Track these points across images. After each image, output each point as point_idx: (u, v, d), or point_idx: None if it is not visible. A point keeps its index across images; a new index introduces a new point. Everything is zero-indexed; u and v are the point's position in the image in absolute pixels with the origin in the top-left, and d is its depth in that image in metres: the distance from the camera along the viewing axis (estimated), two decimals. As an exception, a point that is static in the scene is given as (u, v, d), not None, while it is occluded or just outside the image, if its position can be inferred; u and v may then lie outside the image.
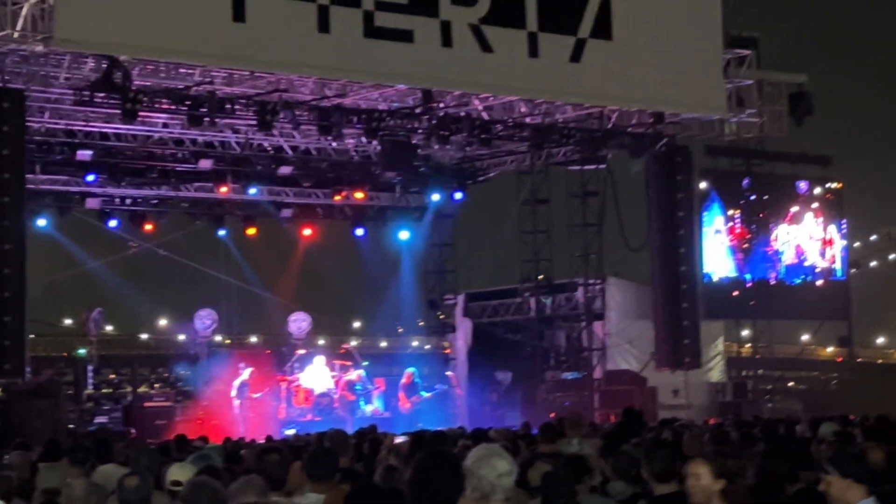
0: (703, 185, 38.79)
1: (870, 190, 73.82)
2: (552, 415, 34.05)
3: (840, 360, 60.57)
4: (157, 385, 38.91)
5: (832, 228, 42.11)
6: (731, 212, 39.59)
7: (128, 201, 37.03)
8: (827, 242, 41.96)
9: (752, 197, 40.17)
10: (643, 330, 37.97)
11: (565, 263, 39.63)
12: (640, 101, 33.18)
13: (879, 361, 77.76)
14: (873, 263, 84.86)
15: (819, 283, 41.54)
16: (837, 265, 42.31)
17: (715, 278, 38.88)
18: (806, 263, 41.35)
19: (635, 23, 31.48)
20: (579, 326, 39.45)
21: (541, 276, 39.32)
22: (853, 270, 45.84)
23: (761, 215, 40.50)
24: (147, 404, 35.52)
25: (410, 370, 36.71)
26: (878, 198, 78.71)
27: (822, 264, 41.74)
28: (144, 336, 56.47)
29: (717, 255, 39.11)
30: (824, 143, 45.08)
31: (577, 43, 30.50)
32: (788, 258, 40.80)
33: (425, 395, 36.44)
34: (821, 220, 41.67)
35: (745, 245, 39.79)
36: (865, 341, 76.65)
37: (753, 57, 34.85)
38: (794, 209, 41.11)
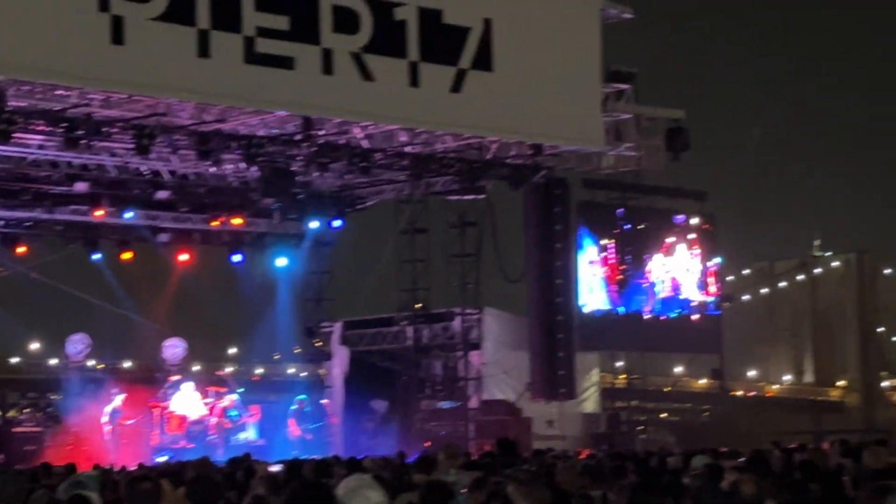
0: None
1: (742, 226, 75.15)
2: (427, 444, 34.16)
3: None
4: (26, 410, 38.37)
5: (716, 259, 42.52)
6: (604, 241, 39.66)
7: (0, 223, 36.42)
8: (710, 273, 42.28)
9: (627, 227, 40.31)
10: (519, 360, 38.14)
11: (443, 293, 39.83)
12: (520, 133, 33.32)
13: (751, 394, 79.04)
14: (745, 297, 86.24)
15: (694, 317, 41.85)
16: (713, 298, 42.64)
17: (587, 310, 38.90)
18: (681, 297, 41.62)
19: (516, 55, 31.67)
20: (455, 356, 39.56)
21: (418, 305, 39.41)
22: (726, 304, 46.34)
23: (636, 246, 40.63)
24: (15, 430, 34.99)
25: (303, 397, 36.69)
26: (749, 234, 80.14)
27: (697, 298, 42.02)
28: (15, 360, 55.61)
29: (591, 286, 39.20)
30: (700, 179, 45.67)
31: (457, 73, 30.61)
32: (664, 291, 41.06)
33: (311, 427, 36.48)
34: (697, 250, 41.96)
35: (620, 277, 39.97)
36: (737, 374, 77.81)
37: (631, 92, 35.20)
38: (670, 240, 41.37)
